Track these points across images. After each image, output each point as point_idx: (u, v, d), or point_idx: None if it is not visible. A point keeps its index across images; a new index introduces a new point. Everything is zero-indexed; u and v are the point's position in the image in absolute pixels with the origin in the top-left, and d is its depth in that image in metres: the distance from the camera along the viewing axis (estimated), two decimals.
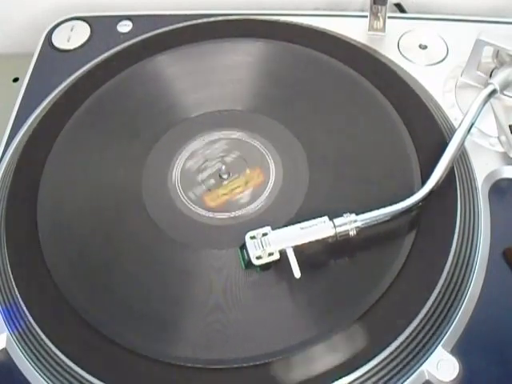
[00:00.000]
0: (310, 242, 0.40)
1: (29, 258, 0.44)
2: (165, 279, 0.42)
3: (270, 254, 0.39)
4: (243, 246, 0.40)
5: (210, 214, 0.45)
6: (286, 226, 0.41)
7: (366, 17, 0.55)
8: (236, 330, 0.39)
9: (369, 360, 0.37)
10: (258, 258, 0.39)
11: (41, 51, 0.59)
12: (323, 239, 0.40)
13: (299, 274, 0.39)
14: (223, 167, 0.47)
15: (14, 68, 0.65)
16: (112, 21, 0.60)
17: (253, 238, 0.40)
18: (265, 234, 0.40)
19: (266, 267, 0.40)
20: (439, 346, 0.38)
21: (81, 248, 0.44)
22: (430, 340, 0.39)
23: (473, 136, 0.48)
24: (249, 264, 0.40)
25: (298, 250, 0.40)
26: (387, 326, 0.39)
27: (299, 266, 0.39)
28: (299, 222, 0.41)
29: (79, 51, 0.58)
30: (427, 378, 0.38)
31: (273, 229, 0.40)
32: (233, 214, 0.45)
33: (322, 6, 0.66)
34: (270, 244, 0.40)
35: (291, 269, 0.39)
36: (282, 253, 0.39)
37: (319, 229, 0.40)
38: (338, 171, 0.46)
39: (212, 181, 0.47)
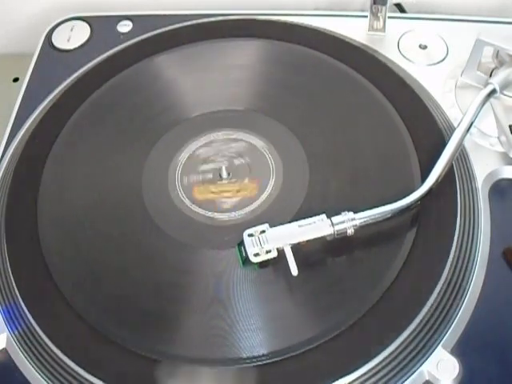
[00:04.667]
0: (308, 240, 0.40)
1: (29, 258, 0.44)
2: (165, 279, 0.42)
3: (268, 252, 0.39)
4: (241, 244, 0.40)
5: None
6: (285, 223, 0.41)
7: (366, 17, 0.55)
8: (235, 330, 0.39)
9: (369, 360, 0.37)
10: (256, 255, 0.39)
11: (41, 51, 0.59)
12: (321, 237, 0.40)
13: (297, 272, 0.39)
14: (224, 167, 0.47)
15: (14, 68, 0.65)
16: (112, 21, 0.60)
17: (251, 235, 0.40)
18: (263, 232, 0.40)
19: (264, 264, 0.40)
20: (439, 346, 0.38)
21: (81, 248, 0.44)
22: (430, 340, 0.39)
23: (473, 136, 0.48)
24: (246, 261, 0.40)
25: (296, 248, 0.40)
26: (387, 325, 0.39)
27: (299, 264, 0.39)
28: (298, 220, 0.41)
29: (79, 51, 0.58)
30: (427, 378, 0.38)
31: (271, 227, 0.40)
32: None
33: (322, 5, 0.66)
34: (267, 241, 0.40)
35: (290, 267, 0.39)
36: (280, 251, 0.40)
37: (317, 227, 0.40)
38: (338, 171, 0.46)
39: (210, 175, 0.47)
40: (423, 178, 0.43)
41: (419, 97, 0.49)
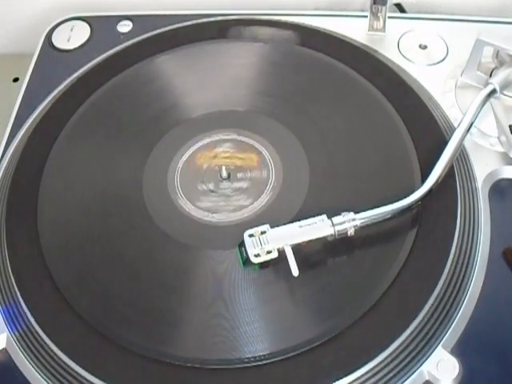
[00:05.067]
0: (308, 241, 0.40)
1: (29, 258, 0.44)
2: (165, 279, 0.42)
3: (269, 252, 0.39)
4: (242, 244, 0.40)
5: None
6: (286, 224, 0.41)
7: (366, 17, 0.55)
8: (236, 331, 0.39)
9: (369, 360, 0.37)
10: (257, 256, 0.39)
11: (41, 51, 0.59)
12: (322, 238, 0.40)
13: (297, 273, 0.39)
14: (224, 167, 0.47)
15: (14, 68, 0.65)
16: (112, 21, 0.60)
17: (251, 235, 0.40)
18: (263, 232, 0.40)
19: (264, 265, 0.40)
20: (439, 346, 0.38)
21: (81, 248, 0.44)
22: (430, 340, 0.39)
23: (473, 136, 0.48)
24: (247, 262, 0.40)
25: (297, 248, 0.40)
26: (387, 325, 0.39)
27: (299, 264, 0.39)
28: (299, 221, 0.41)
29: (79, 51, 0.58)
30: (427, 378, 0.38)
31: (272, 227, 0.40)
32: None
33: (322, 5, 0.66)
34: (268, 242, 0.40)
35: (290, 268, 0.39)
36: (281, 251, 0.40)
37: (317, 227, 0.40)
38: (339, 171, 0.46)
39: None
40: (423, 178, 0.43)
41: (419, 97, 0.49)
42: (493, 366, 0.38)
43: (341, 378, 0.37)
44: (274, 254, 0.39)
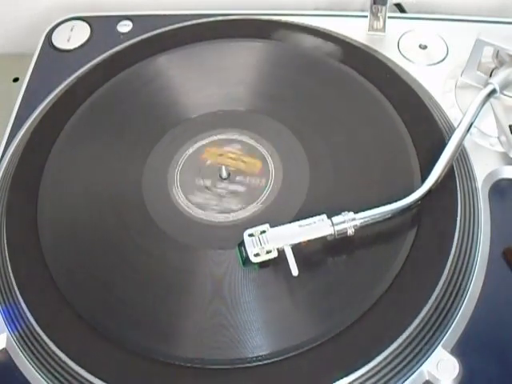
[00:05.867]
0: (308, 241, 0.40)
1: (29, 258, 0.44)
2: (165, 279, 0.42)
3: (268, 252, 0.39)
4: (241, 244, 0.40)
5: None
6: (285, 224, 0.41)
7: (366, 17, 0.55)
8: (235, 330, 0.39)
9: (369, 360, 0.37)
10: (256, 255, 0.39)
11: (41, 51, 0.59)
12: (322, 237, 0.40)
13: (297, 272, 0.39)
14: (224, 167, 0.47)
15: (14, 68, 0.65)
16: (112, 21, 0.60)
17: (251, 235, 0.40)
18: (263, 232, 0.40)
19: (264, 265, 0.40)
20: (439, 346, 0.38)
21: (81, 248, 0.44)
22: (430, 340, 0.39)
23: (473, 136, 0.48)
24: (247, 261, 0.40)
25: (297, 248, 0.40)
26: (387, 326, 0.39)
27: (299, 264, 0.39)
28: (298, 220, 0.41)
29: (79, 51, 0.58)
30: (427, 378, 0.38)
31: (271, 227, 0.41)
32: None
33: (322, 5, 0.66)
34: (268, 242, 0.40)
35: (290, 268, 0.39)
36: (281, 251, 0.40)
37: (317, 227, 0.40)
38: (339, 171, 0.46)
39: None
40: (423, 178, 0.43)
41: (419, 97, 0.49)
42: (493, 366, 0.38)
43: (341, 378, 0.37)
44: (274, 254, 0.39)
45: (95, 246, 0.45)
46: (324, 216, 0.41)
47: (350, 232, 0.40)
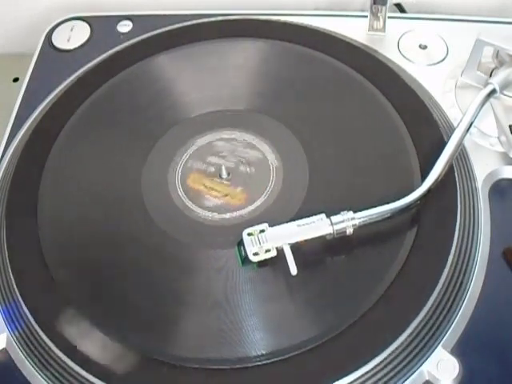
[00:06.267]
0: (307, 240, 0.40)
1: (29, 257, 0.44)
2: (165, 279, 0.42)
3: (267, 251, 0.39)
4: (240, 243, 0.40)
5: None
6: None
7: (366, 17, 0.55)
8: (235, 330, 0.39)
9: (369, 360, 0.37)
10: (255, 254, 0.39)
11: (41, 51, 0.59)
12: (321, 237, 0.40)
13: (296, 272, 0.39)
14: (224, 167, 0.47)
15: (14, 68, 0.65)
16: (112, 21, 0.60)
17: (250, 234, 0.40)
18: (262, 231, 0.40)
19: (263, 264, 0.40)
20: (439, 346, 0.38)
21: (81, 248, 0.44)
22: (430, 340, 0.39)
23: (473, 136, 0.48)
24: (246, 260, 0.40)
25: (296, 247, 0.40)
26: (387, 325, 0.39)
27: (298, 263, 0.39)
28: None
29: (79, 51, 0.58)
30: (427, 378, 0.38)
31: (271, 226, 0.40)
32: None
33: (322, 5, 0.66)
34: (266, 241, 0.40)
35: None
36: (280, 250, 0.40)
37: (316, 226, 0.40)
38: (338, 170, 0.46)
39: (212, 169, 0.48)
40: (423, 178, 0.43)
41: (419, 97, 0.49)
42: (493, 366, 0.38)
43: (341, 378, 0.37)
44: (273, 253, 0.40)
45: (95, 245, 0.45)
46: (323, 215, 0.41)
47: (349, 231, 0.40)
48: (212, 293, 0.41)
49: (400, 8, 0.63)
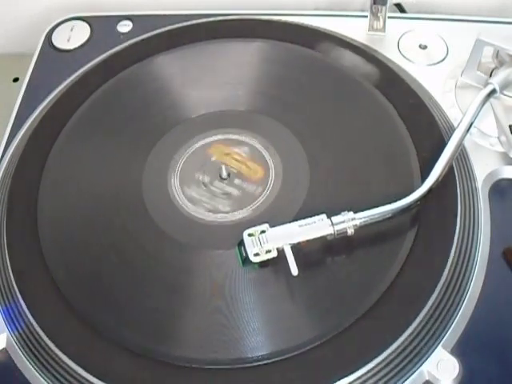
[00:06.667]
0: (308, 240, 0.40)
1: (29, 258, 0.44)
2: (165, 279, 0.42)
3: (268, 252, 0.39)
4: (241, 243, 0.40)
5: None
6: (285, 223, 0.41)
7: (366, 17, 0.55)
8: (235, 330, 0.39)
9: (369, 360, 0.37)
10: (256, 255, 0.39)
11: (41, 51, 0.59)
12: (322, 237, 0.40)
13: (297, 272, 0.39)
14: (224, 167, 0.47)
15: (14, 68, 0.65)
16: (112, 21, 0.60)
17: (251, 235, 0.40)
18: (263, 232, 0.40)
19: (263, 264, 0.40)
20: (439, 346, 0.38)
21: (81, 248, 0.44)
22: (430, 340, 0.39)
23: (473, 136, 0.48)
24: (246, 261, 0.40)
25: (297, 248, 0.40)
26: (387, 326, 0.39)
27: (299, 264, 0.39)
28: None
29: (79, 51, 0.58)
30: (427, 378, 0.38)
31: (271, 226, 0.40)
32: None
33: (322, 5, 0.66)
34: (267, 241, 0.40)
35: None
36: (280, 250, 0.40)
37: (317, 227, 0.40)
38: (338, 170, 0.46)
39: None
40: (423, 178, 0.43)
41: (419, 97, 0.49)
42: (493, 366, 0.38)
43: (341, 378, 0.37)
44: (274, 254, 0.39)
45: (95, 246, 0.45)
46: (324, 216, 0.41)
47: (350, 232, 0.40)
48: (212, 293, 0.41)
49: (400, 8, 0.63)
